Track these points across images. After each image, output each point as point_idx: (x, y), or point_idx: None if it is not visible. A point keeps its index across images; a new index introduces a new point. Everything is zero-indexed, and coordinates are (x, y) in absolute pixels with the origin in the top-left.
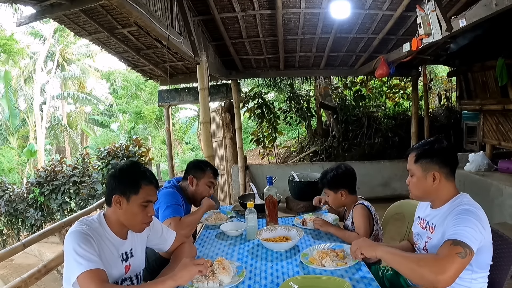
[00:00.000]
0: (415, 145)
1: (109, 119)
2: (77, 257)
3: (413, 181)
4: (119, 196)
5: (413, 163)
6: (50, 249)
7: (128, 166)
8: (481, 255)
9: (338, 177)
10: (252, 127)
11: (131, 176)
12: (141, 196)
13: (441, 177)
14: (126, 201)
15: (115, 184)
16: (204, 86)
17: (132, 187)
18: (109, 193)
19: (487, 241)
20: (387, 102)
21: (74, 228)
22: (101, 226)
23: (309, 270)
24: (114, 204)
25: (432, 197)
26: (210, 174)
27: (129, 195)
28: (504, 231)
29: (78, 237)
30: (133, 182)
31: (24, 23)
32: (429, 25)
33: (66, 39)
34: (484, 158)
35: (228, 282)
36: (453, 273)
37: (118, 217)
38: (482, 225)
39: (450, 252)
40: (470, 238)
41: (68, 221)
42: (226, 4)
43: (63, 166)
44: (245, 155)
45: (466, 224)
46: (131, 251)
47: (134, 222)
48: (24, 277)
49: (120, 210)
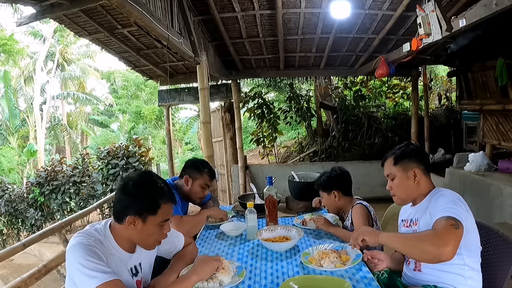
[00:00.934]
0: (389, 152)
1: (109, 119)
2: (88, 271)
3: (396, 183)
4: (134, 217)
5: (392, 166)
6: (50, 249)
7: (145, 182)
8: (468, 237)
9: (331, 179)
10: (252, 127)
11: (149, 194)
12: (159, 217)
13: (420, 173)
14: (142, 222)
15: (130, 203)
16: (204, 86)
17: (150, 208)
18: (120, 210)
19: (470, 223)
20: (387, 102)
21: (76, 240)
22: (106, 239)
23: (309, 270)
24: (127, 224)
25: (415, 194)
26: (206, 176)
27: (146, 216)
28: (504, 231)
29: (83, 249)
30: (151, 202)
31: (24, 23)
32: (429, 25)
33: (66, 39)
34: (484, 158)
35: (228, 282)
36: (454, 244)
37: (129, 235)
38: (464, 207)
39: (446, 225)
40: (457, 213)
41: (68, 221)
42: (226, 4)
43: (63, 166)
44: (245, 155)
45: (449, 204)
46: (140, 265)
47: (148, 242)
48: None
49: (134, 230)
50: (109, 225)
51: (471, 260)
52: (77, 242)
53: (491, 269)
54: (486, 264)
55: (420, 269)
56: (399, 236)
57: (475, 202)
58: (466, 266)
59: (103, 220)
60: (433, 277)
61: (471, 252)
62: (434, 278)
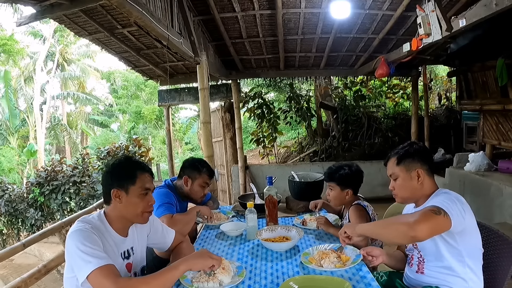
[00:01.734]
0: (392, 151)
1: (109, 119)
2: (84, 255)
3: (399, 183)
4: (117, 190)
5: (395, 166)
6: (50, 249)
7: (121, 160)
8: (468, 238)
9: (349, 176)
10: (252, 127)
11: (126, 167)
12: (139, 185)
13: (424, 174)
14: (125, 193)
15: (112, 179)
16: (204, 86)
17: (128, 178)
18: (106, 190)
19: (469, 224)
20: (387, 102)
21: (75, 227)
22: (102, 223)
23: (309, 270)
24: (114, 199)
25: (418, 195)
26: (205, 175)
27: (127, 187)
28: (504, 231)
29: (81, 235)
30: (129, 173)
31: (24, 23)
32: (429, 25)
33: (66, 39)
34: (484, 158)
35: (228, 282)
36: (429, 225)
37: (120, 212)
38: (461, 206)
39: (425, 209)
40: (445, 205)
41: (68, 221)
42: (226, 4)
43: (63, 166)
44: (245, 155)
45: (441, 199)
46: (132, 249)
47: (136, 212)
48: (24, 277)
49: (121, 203)
50: (103, 211)
51: (473, 262)
52: (76, 228)
53: (491, 269)
54: (486, 264)
55: (423, 271)
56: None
57: (475, 202)
58: (468, 268)
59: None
60: (435, 279)
61: (472, 255)
62: (436, 280)
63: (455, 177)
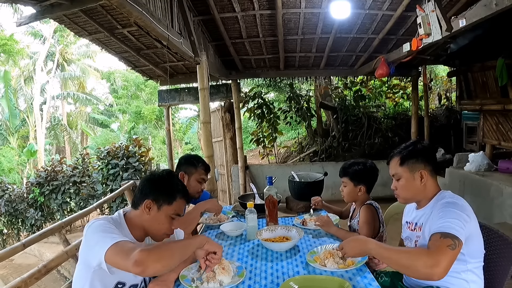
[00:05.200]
0: (395, 150)
1: (109, 119)
2: (106, 234)
3: (402, 184)
4: (151, 202)
5: (398, 166)
6: (50, 249)
7: (168, 176)
8: (471, 243)
9: (363, 172)
10: (252, 127)
11: (169, 186)
12: (173, 208)
13: (427, 175)
14: (157, 208)
15: (151, 189)
16: (204, 86)
17: (167, 197)
18: (140, 196)
19: (473, 229)
20: (387, 102)
21: (96, 221)
22: (121, 226)
23: (309, 270)
24: (144, 208)
25: (420, 196)
26: (201, 170)
27: (161, 203)
28: (504, 231)
29: (102, 224)
30: (170, 192)
31: (24, 23)
32: (429, 25)
33: (66, 39)
34: (484, 158)
35: (228, 282)
36: (446, 265)
37: (142, 221)
38: (467, 214)
39: (441, 245)
40: (457, 229)
41: (68, 221)
42: (226, 4)
43: (63, 166)
44: (245, 155)
45: (451, 216)
46: None
47: (157, 231)
48: (24, 277)
49: (148, 215)
50: (124, 214)
51: (474, 265)
52: (97, 221)
53: (491, 269)
54: (486, 264)
55: None
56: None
57: (475, 202)
58: (469, 271)
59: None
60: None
61: (474, 258)
62: (437, 282)
63: (455, 177)
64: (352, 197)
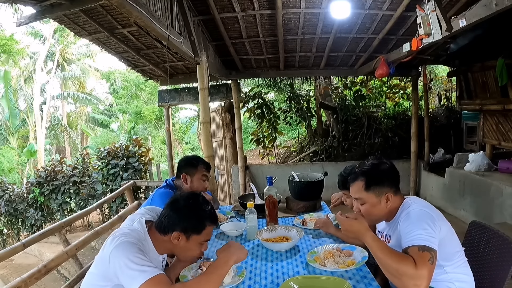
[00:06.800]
0: (357, 170)
1: (109, 119)
2: (137, 266)
3: (366, 208)
4: (179, 233)
5: (363, 191)
6: (50, 249)
7: (194, 202)
8: (444, 248)
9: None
10: (252, 127)
11: (197, 215)
12: (203, 236)
13: (393, 196)
14: (185, 239)
15: (179, 220)
16: (204, 86)
17: (196, 228)
18: (168, 225)
19: (444, 232)
20: (387, 102)
21: (122, 239)
22: (146, 240)
23: (309, 270)
24: (172, 239)
25: (386, 216)
26: (202, 168)
27: (190, 234)
28: (504, 231)
29: (131, 247)
30: (198, 223)
31: (24, 23)
32: (429, 25)
33: (66, 39)
34: (484, 158)
35: (228, 282)
36: (429, 279)
37: (170, 247)
38: (433, 222)
39: (423, 259)
40: (430, 239)
41: (68, 221)
42: (226, 4)
43: (63, 166)
44: (245, 155)
45: (420, 227)
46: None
47: (187, 257)
48: (24, 277)
49: (177, 245)
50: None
51: (453, 266)
52: (125, 240)
53: (491, 269)
54: (486, 264)
55: None
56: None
57: (475, 202)
58: (449, 274)
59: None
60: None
61: (451, 261)
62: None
63: (455, 177)
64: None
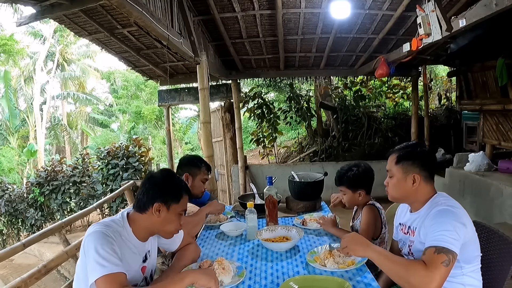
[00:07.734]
0: (397, 147)
1: (109, 119)
2: (99, 259)
3: (393, 182)
4: (160, 204)
5: (394, 164)
6: (50, 249)
7: (170, 176)
8: (466, 250)
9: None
10: (252, 127)
11: (175, 185)
12: (181, 206)
13: (420, 180)
14: (166, 209)
15: (158, 192)
16: (204, 86)
17: (174, 196)
18: (147, 201)
19: (469, 235)
20: (387, 102)
21: (96, 228)
22: (124, 229)
23: (309, 270)
24: (153, 212)
25: (411, 199)
26: (205, 170)
27: (170, 204)
28: (504, 231)
29: (100, 238)
30: (176, 191)
31: (24, 23)
32: (429, 25)
33: (66, 39)
34: (484, 158)
35: (228, 282)
36: (440, 282)
37: (151, 224)
38: (462, 222)
39: (435, 262)
40: (451, 241)
41: (68, 221)
42: (226, 4)
43: (63, 166)
44: (245, 155)
45: (444, 228)
46: (149, 252)
47: (168, 229)
48: (24, 277)
49: (158, 218)
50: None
51: (470, 269)
52: (97, 229)
53: (491, 269)
54: (486, 264)
55: None
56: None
57: (475, 202)
58: (465, 276)
59: (118, 213)
60: None
61: (469, 263)
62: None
63: (455, 177)
64: (353, 203)
